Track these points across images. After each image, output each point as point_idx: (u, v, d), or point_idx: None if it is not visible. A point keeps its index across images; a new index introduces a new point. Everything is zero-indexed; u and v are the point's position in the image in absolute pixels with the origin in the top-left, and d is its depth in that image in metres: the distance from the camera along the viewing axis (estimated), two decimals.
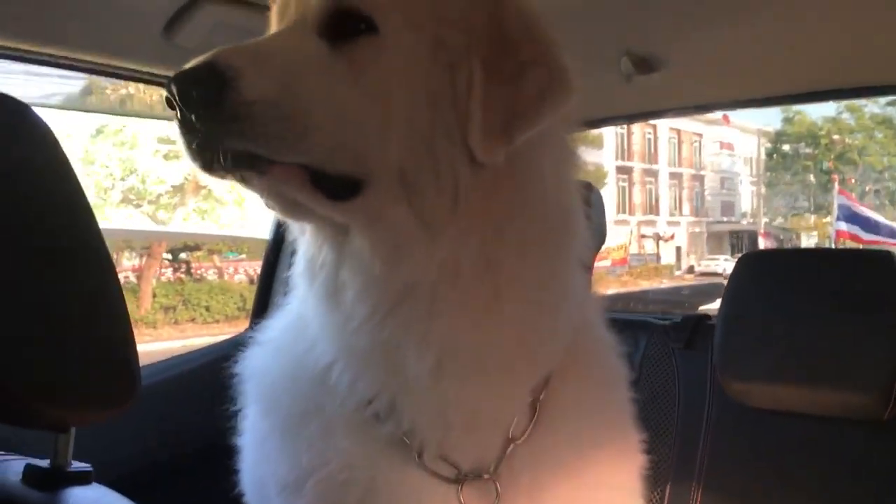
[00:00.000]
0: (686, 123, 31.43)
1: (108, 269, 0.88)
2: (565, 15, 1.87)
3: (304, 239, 1.20)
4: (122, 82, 1.75)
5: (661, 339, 2.08)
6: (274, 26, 1.15)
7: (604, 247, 2.03)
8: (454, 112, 1.03)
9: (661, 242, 31.56)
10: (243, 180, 1.01)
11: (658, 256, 30.79)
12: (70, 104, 2.08)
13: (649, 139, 31.99)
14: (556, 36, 1.12)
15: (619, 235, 25.54)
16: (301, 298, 1.22)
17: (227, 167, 0.97)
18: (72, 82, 1.94)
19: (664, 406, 2.03)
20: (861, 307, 1.78)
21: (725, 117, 28.55)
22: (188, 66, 0.95)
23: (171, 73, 1.52)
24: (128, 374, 0.85)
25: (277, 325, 1.30)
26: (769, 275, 1.95)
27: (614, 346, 1.30)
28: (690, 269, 30.60)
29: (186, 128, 0.96)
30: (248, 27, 1.66)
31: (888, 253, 1.88)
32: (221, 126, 0.94)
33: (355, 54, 1.03)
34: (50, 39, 1.44)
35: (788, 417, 1.85)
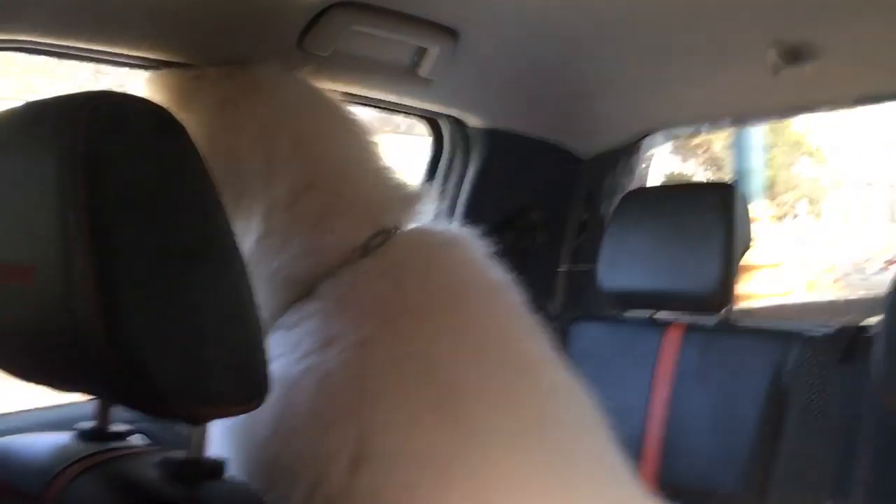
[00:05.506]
0: None
1: (240, 271, 0.90)
2: (703, 7, 1.77)
3: None
4: None
5: (812, 351, 1.92)
6: None
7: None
8: None
9: None
10: None
11: None
12: None
13: None
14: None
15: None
16: None
17: None
18: None
19: (815, 423, 1.89)
20: None
21: None
22: None
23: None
24: (258, 376, 0.91)
25: None
26: None
27: None
28: None
29: None
30: (377, 34, 1.69)
31: None
32: None
33: None
34: (197, 53, 1.50)
35: None
